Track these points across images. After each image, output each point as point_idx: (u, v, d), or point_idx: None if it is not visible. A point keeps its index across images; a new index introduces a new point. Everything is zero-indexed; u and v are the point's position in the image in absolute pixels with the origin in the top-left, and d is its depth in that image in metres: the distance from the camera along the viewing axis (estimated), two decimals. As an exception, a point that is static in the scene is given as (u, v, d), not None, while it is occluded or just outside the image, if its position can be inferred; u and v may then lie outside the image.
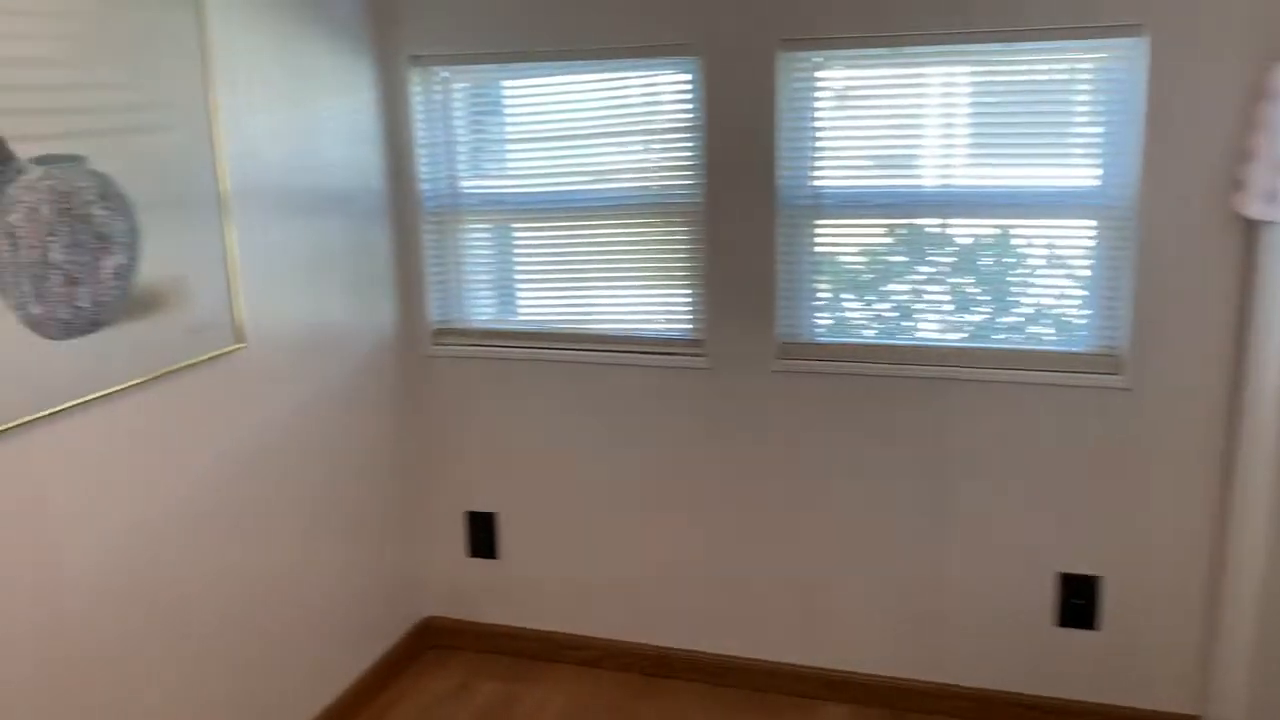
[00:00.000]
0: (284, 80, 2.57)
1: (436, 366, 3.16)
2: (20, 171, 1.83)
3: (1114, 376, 2.59)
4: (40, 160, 1.87)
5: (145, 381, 2.16)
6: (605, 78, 2.83)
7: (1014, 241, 2.64)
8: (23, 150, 1.84)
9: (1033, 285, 2.64)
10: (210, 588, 2.40)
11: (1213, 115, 2.39)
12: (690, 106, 2.77)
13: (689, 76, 2.76)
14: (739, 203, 2.77)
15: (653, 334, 2.97)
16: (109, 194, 2.02)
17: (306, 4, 2.64)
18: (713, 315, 2.86)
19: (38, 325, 1.89)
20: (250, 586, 2.53)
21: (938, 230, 2.68)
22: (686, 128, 2.79)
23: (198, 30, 2.26)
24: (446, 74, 2.98)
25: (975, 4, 2.49)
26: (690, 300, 2.91)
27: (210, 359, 2.35)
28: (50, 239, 1.90)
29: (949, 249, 2.68)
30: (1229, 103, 2.38)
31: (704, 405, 2.93)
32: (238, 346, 2.43)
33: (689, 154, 2.80)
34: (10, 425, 1.86)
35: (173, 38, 2.19)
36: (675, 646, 3.12)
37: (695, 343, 2.92)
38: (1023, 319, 2.67)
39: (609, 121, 2.86)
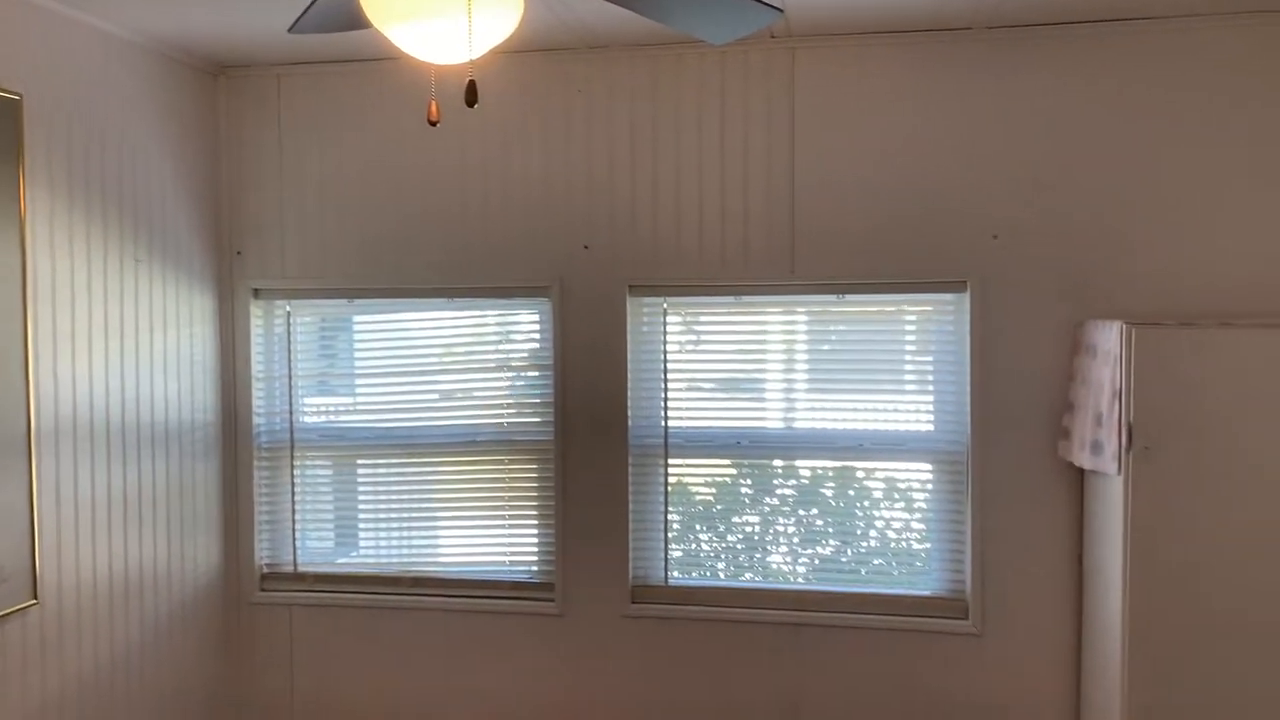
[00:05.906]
0: (111, 311, 2.45)
1: (263, 614, 2.92)
2: None
3: (961, 621, 2.60)
4: None
5: (-85, 650, 1.90)
6: (457, 315, 2.82)
7: (862, 483, 2.69)
8: None
9: (877, 523, 2.68)
10: None
11: (1035, 366, 2.53)
12: (540, 345, 2.77)
13: (536, 316, 2.77)
14: (591, 441, 2.74)
15: (500, 577, 2.84)
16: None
17: (142, 231, 2.55)
18: (563, 557, 2.76)
19: None
20: None
21: (784, 466, 2.71)
22: (538, 365, 2.78)
23: (20, 259, 2.14)
24: (289, 307, 2.90)
25: (802, 257, 2.61)
26: (539, 541, 2.81)
27: (2, 616, 2.09)
28: None
29: (793, 482, 2.71)
30: (1050, 355, 2.53)
31: (553, 653, 2.78)
32: (31, 603, 2.17)
33: (540, 391, 2.78)
34: None
35: (-11, 272, 2.06)
36: None
37: (544, 586, 2.80)
38: (869, 556, 2.69)
39: (460, 358, 2.83)
